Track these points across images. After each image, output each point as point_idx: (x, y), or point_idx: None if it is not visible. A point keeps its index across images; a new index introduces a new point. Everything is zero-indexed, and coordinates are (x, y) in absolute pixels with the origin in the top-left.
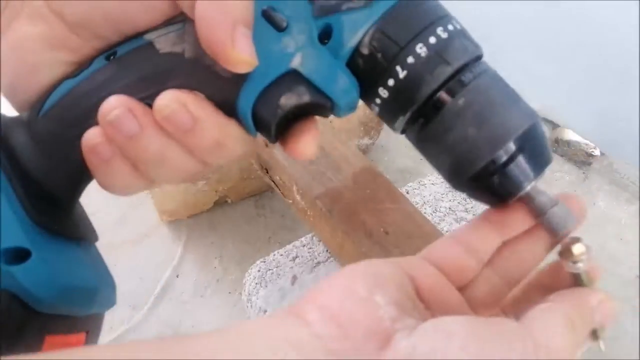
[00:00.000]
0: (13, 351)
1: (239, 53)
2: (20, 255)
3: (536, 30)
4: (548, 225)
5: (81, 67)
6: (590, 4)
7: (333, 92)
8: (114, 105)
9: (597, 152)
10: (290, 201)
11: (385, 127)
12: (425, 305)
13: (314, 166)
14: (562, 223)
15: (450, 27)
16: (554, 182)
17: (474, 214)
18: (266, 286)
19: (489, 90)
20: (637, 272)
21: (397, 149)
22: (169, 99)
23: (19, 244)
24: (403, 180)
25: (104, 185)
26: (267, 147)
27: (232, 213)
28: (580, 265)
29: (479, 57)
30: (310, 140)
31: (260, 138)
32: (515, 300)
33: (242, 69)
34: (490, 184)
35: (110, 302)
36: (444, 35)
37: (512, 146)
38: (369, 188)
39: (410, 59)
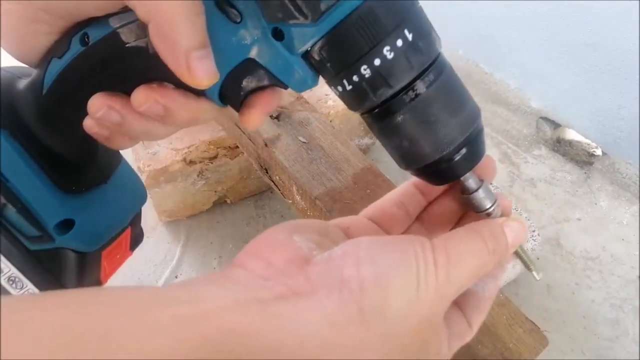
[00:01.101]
0: (80, 277)
1: (196, 78)
2: (67, 224)
3: (537, 30)
4: (473, 203)
5: (63, 36)
6: (590, 4)
7: (289, 81)
8: (97, 108)
9: (598, 152)
10: (290, 201)
11: None
12: None
13: (314, 166)
14: (483, 203)
15: (399, 42)
16: (555, 182)
17: None
18: None
19: (427, 109)
20: (637, 272)
21: None
22: (141, 97)
23: (63, 217)
24: (403, 180)
25: (110, 147)
26: (266, 147)
27: (231, 213)
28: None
29: (429, 66)
30: (259, 114)
31: (259, 139)
32: None
33: (204, 87)
34: (428, 176)
35: (143, 200)
36: (390, 55)
37: (442, 156)
38: (369, 188)
39: (355, 77)
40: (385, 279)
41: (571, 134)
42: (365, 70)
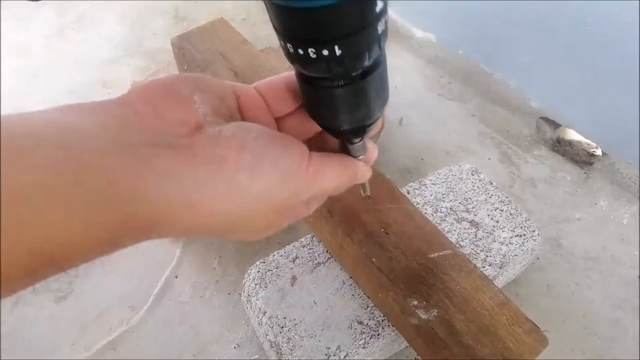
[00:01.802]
0: None
1: None
2: None
3: (537, 30)
4: (349, 151)
5: None
6: (591, 3)
7: None
8: None
9: (598, 152)
10: None
11: (385, 127)
12: (242, 120)
13: None
14: (357, 154)
15: (325, 52)
16: (555, 182)
17: (475, 214)
18: (266, 287)
19: (330, 98)
20: (637, 272)
21: (397, 149)
22: None
23: None
24: (403, 180)
25: None
26: None
27: None
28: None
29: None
30: None
31: None
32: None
33: None
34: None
35: None
36: (313, 56)
37: (328, 127)
38: None
39: (288, 46)
40: (259, 168)
41: (571, 134)
42: (293, 49)
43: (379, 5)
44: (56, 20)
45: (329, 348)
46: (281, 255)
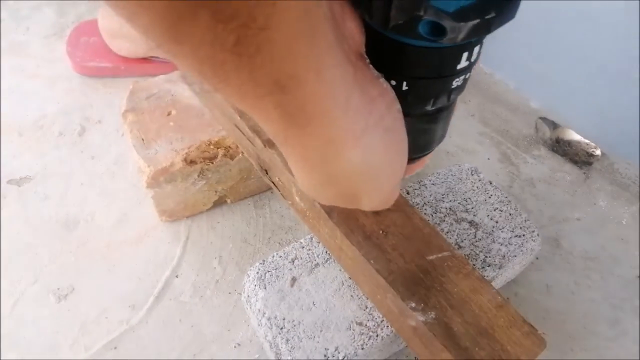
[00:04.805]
0: None
1: None
2: None
3: (537, 30)
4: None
5: None
6: (590, 3)
7: None
8: None
9: (598, 152)
10: (290, 202)
11: None
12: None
13: None
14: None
15: (404, 86)
16: (555, 182)
17: (474, 215)
18: (265, 288)
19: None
20: (637, 272)
21: None
22: None
23: None
24: (403, 181)
25: None
26: (266, 149)
27: (231, 214)
28: None
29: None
30: None
31: (259, 140)
32: None
33: None
34: None
35: None
36: (404, 88)
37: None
38: None
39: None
40: (392, 136)
41: (570, 134)
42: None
43: (462, 64)
44: (56, 21)
45: (327, 349)
46: (280, 256)
